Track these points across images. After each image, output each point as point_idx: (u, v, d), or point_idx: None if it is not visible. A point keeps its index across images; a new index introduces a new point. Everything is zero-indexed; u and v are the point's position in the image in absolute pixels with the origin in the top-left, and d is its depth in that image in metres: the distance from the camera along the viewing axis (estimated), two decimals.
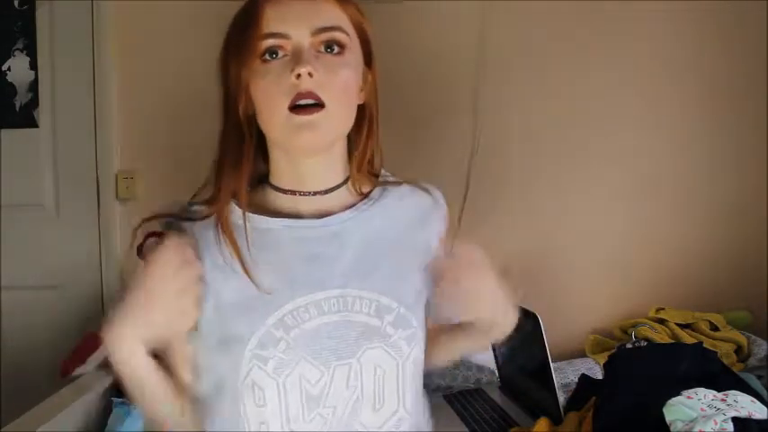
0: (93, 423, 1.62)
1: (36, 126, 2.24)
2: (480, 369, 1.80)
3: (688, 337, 1.89)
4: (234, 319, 0.89)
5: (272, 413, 0.88)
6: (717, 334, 1.91)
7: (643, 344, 1.81)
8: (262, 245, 0.91)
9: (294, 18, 0.88)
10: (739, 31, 2.12)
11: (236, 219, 0.92)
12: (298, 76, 0.85)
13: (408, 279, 0.96)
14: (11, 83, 2.24)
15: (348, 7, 0.92)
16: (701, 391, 1.15)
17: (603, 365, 1.58)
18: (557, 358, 1.71)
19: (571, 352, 2.02)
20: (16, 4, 2.23)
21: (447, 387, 1.80)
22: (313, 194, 0.94)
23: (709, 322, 1.96)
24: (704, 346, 1.56)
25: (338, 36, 0.89)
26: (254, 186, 0.96)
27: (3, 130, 2.24)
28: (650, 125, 2.14)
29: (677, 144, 2.15)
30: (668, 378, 1.27)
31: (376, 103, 0.98)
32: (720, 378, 1.27)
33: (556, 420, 1.42)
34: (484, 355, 1.84)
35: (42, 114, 2.24)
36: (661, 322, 1.97)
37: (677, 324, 1.95)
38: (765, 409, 1.12)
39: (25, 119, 2.24)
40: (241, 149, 0.92)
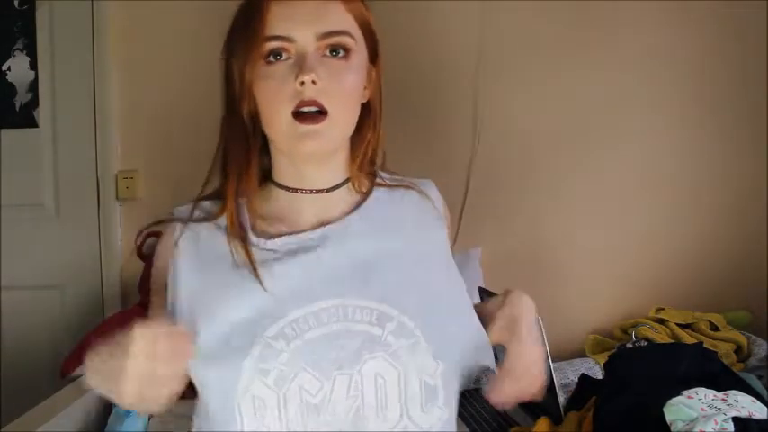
0: (93, 423, 1.62)
1: (36, 126, 2.24)
2: (480, 369, 1.80)
3: (688, 337, 1.89)
4: (231, 333, 0.87)
5: (272, 423, 0.86)
6: (717, 334, 1.91)
7: (643, 344, 1.81)
8: (258, 252, 0.91)
9: (300, 21, 0.86)
10: (739, 31, 2.12)
11: (242, 222, 0.91)
12: (302, 83, 0.84)
13: (409, 286, 0.94)
14: (11, 83, 2.24)
15: (354, 5, 0.91)
16: (701, 391, 1.15)
17: (603, 365, 1.58)
18: (557, 358, 1.71)
19: (571, 352, 2.02)
20: (16, 4, 2.23)
21: None
22: (315, 192, 0.94)
23: (710, 322, 1.96)
24: (704, 346, 1.56)
25: (344, 41, 0.88)
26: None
27: (3, 130, 2.24)
28: (650, 124, 2.14)
29: (677, 144, 2.15)
30: (668, 378, 1.27)
31: (380, 100, 0.97)
32: (721, 378, 1.27)
33: (556, 420, 1.42)
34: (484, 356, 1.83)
35: (42, 114, 2.24)
36: (661, 322, 1.97)
37: (677, 324, 1.95)
38: (766, 408, 1.12)
39: (25, 119, 2.24)
40: (247, 150, 0.91)
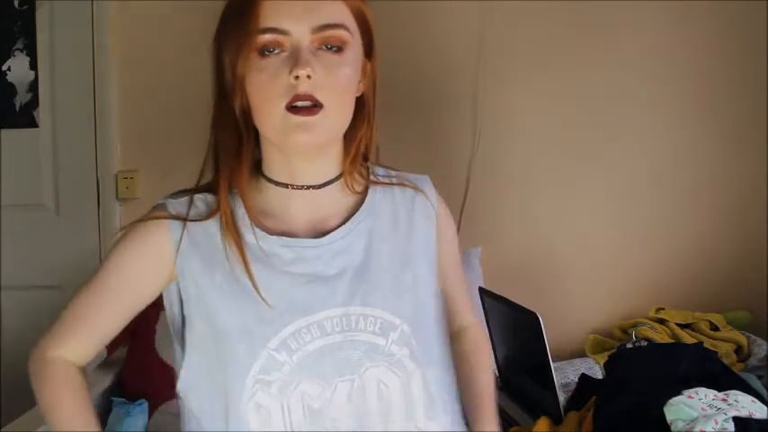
0: None
1: (36, 126, 2.24)
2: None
3: (688, 337, 1.89)
4: (233, 343, 0.86)
5: (276, 428, 0.86)
6: (717, 334, 1.91)
7: (643, 344, 1.81)
8: (258, 259, 0.88)
9: (295, 13, 0.84)
10: (739, 31, 2.12)
11: (238, 223, 0.89)
12: (296, 77, 0.82)
13: (407, 290, 0.94)
14: (11, 83, 2.24)
15: None
16: (701, 391, 1.15)
17: (604, 365, 1.58)
18: (557, 358, 1.71)
19: (571, 352, 2.02)
20: (16, 4, 2.23)
21: None
22: (306, 188, 0.92)
23: (710, 322, 1.96)
24: (704, 346, 1.56)
25: (339, 34, 0.86)
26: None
27: (3, 130, 2.24)
28: (650, 125, 2.14)
29: (677, 144, 2.15)
30: (669, 378, 1.27)
31: (374, 94, 0.95)
32: (721, 378, 1.27)
33: (556, 420, 1.42)
34: None
35: (42, 114, 2.24)
36: (661, 322, 1.97)
37: (677, 324, 1.95)
38: (766, 408, 1.12)
39: (25, 119, 2.24)
40: (239, 143, 0.89)
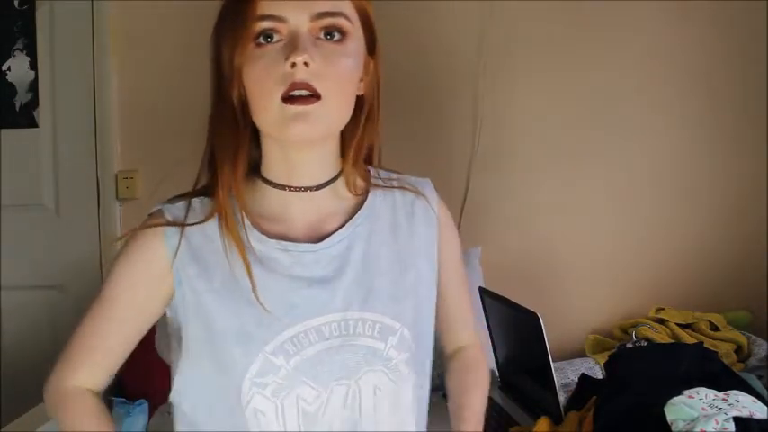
0: None
1: (36, 126, 2.24)
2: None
3: (688, 337, 1.89)
4: (230, 347, 0.84)
5: (270, 429, 0.85)
6: (717, 334, 1.91)
7: (643, 344, 1.81)
8: (257, 262, 0.87)
9: (293, 1, 0.81)
10: (739, 31, 2.12)
11: (237, 224, 0.87)
12: (293, 64, 0.79)
13: (407, 294, 0.93)
14: (11, 83, 2.24)
15: None
16: (702, 391, 1.15)
17: (604, 365, 1.58)
18: (557, 358, 1.71)
19: (571, 352, 2.02)
20: (16, 4, 2.23)
21: None
22: (304, 190, 0.89)
23: (710, 322, 1.96)
24: (704, 346, 1.56)
25: (340, 22, 0.83)
26: (246, 176, 0.90)
27: (3, 130, 2.24)
28: (650, 125, 2.14)
29: (677, 144, 2.15)
30: (669, 378, 1.27)
31: (377, 94, 0.92)
32: (721, 378, 1.27)
33: (556, 420, 1.42)
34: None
35: (42, 114, 2.24)
36: (661, 322, 1.97)
37: (677, 324, 1.95)
38: (766, 408, 1.12)
39: (25, 119, 2.24)
40: (237, 141, 0.86)
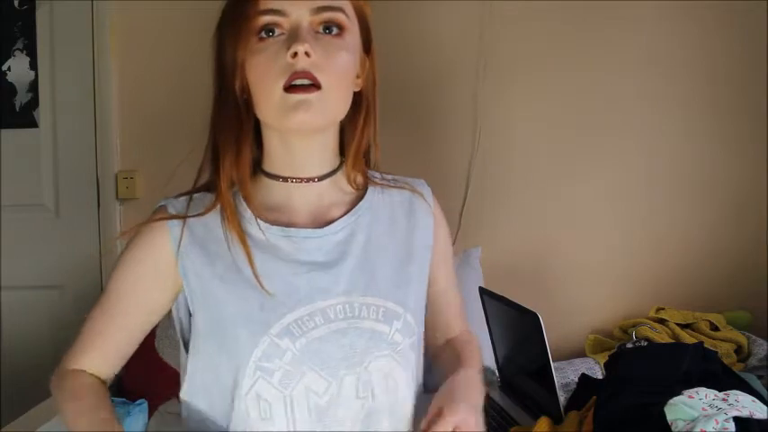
0: None
1: (36, 126, 2.24)
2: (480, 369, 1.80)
3: (688, 337, 1.89)
4: (235, 330, 0.86)
5: (279, 427, 0.85)
6: (717, 334, 1.91)
7: (643, 344, 1.81)
8: (260, 249, 0.89)
9: None
10: (740, 31, 2.12)
11: (239, 215, 0.90)
12: (294, 54, 0.82)
13: (408, 283, 0.95)
14: (11, 83, 2.24)
15: None
16: (702, 391, 1.15)
17: (604, 365, 1.58)
18: (557, 358, 1.71)
19: (571, 352, 2.02)
20: (16, 4, 2.23)
21: None
22: (306, 181, 0.92)
23: (710, 322, 1.96)
24: (704, 346, 1.56)
25: (338, 17, 0.86)
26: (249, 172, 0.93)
27: (3, 130, 2.24)
28: (650, 125, 2.14)
29: (677, 144, 2.15)
30: (669, 378, 1.27)
31: (374, 92, 0.95)
32: (721, 378, 1.27)
33: (556, 420, 1.42)
34: (484, 355, 1.83)
35: (42, 114, 2.24)
36: (661, 322, 1.97)
37: (677, 324, 1.95)
38: (766, 408, 1.12)
39: (25, 119, 2.24)
40: (239, 133, 0.88)
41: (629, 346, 1.79)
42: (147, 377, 1.79)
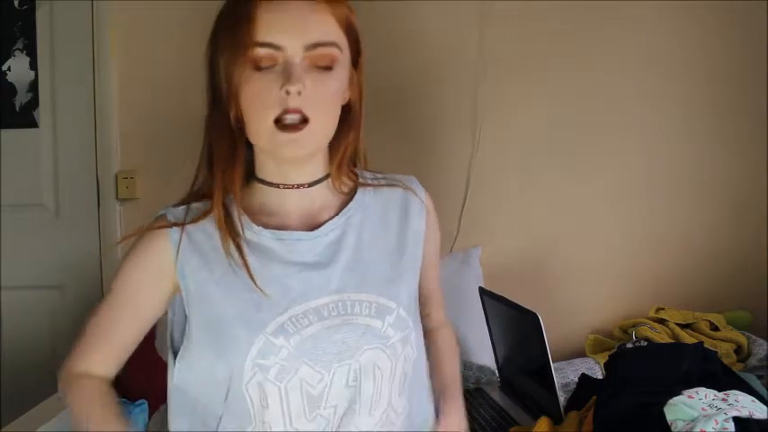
0: None
1: (36, 126, 2.24)
2: (480, 369, 1.80)
3: (688, 337, 1.89)
4: (233, 330, 0.90)
5: (275, 414, 0.89)
6: (717, 334, 1.91)
7: (643, 344, 1.81)
8: (255, 252, 0.93)
9: (289, 30, 0.87)
10: (740, 31, 2.12)
11: (234, 221, 0.93)
12: (287, 92, 0.86)
13: (401, 278, 0.98)
14: (11, 83, 2.24)
15: (338, 9, 0.91)
16: (701, 391, 1.15)
17: (604, 365, 1.58)
18: (557, 358, 1.71)
19: (571, 352, 2.02)
20: (16, 4, 2.23)
21: None
22: (297, 187, 0.96)
23: (710, 322, 1.96)
24: (704, 345, 1.56)
25: (331, 53, 0.90)
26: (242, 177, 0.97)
27: (3, 130, 2.24)
28: (650, 125, 2.14)
29: (677, 144, 2.15)
30: (669, 378, 1.27)
31: (360, 101, 0.98)
32: (721, 378, 1.27)
33: (556, 420, 1.42)
34: (484, 355, 1.84)
35: (42, 114, 2.24)
36: (661, 322, 1.97)
37: (677, 324, 1.95)
38: (766, 408, 1.12)
39: (25, 119, 2.24)
40: (233, 147, 0.92)
41: (629, 346, 1.79)
42: (147, 377, 1.78)
